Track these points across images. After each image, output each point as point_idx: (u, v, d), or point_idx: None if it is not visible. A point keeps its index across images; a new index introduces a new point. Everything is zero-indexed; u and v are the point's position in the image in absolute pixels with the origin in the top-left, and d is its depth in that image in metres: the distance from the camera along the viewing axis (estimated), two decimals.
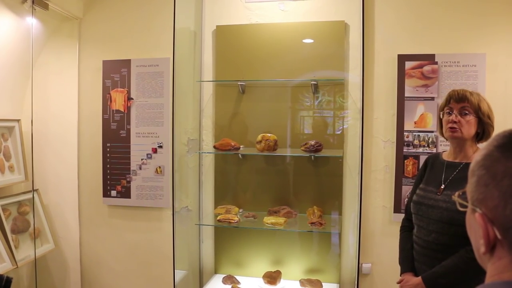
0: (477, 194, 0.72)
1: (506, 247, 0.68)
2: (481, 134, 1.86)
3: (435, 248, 1.83)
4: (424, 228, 1.88)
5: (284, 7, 3.01)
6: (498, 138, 0.74)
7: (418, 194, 1.97)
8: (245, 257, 3.10)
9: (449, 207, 1.79)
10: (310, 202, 2.94)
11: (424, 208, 1.89)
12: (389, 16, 2.85)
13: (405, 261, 1.99)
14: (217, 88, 3.12)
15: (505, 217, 0.67)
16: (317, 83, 2.89)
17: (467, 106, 1.83)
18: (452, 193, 1.79)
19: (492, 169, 0.70)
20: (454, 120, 1.83)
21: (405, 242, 2.04)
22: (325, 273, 2.97)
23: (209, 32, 3.13)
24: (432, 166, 2.01)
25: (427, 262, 1.86)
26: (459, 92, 1.86)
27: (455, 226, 1.76)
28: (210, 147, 3.09)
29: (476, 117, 1.83)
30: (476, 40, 2.77)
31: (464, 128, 1.82)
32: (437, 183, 1.91)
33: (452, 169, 1.89)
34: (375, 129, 2.84)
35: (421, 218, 1.91)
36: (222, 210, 3.01)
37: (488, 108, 1.86)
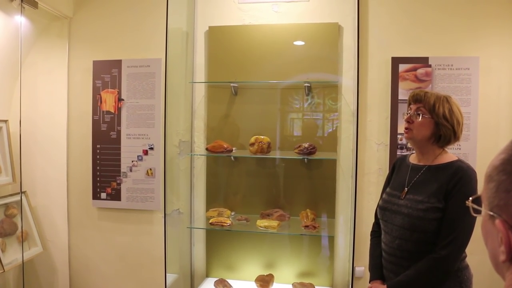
0: (497, 200, 0.69)
1: None
2: (440, 136, 1.76)
3: (400, 255, 1.78)
4: (389, 234, 1.83)
5: (278, 9, 2.99)
6: None
7: (384, 198, 1.91)
8: (237, 260, 3.06)
9: (411, 212, 1.73)
10: (303, 205, 2.92)
11: (388, 214, 1.84)
12: (383, 19, 2.84)
13: (373, 268, 1.93)
14: (209, 89, 3.08)
15: None
16: (311, 85, 2.87)
17: (421, 107, 1.75)
18: (413, 198, 1.76)
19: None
20: (408, 121, 1.78)
21: (374, 249, 1.98)
22: (318, 277, 2.95)
23: (202, 33, 3.09)
24: (399, 168, 1.95)
25: (394, 269, 1.80)
26: (416, 93, 1.80)
27: (417, 233, 1.71)
28: (202, 149, 3.05)
29: (430, 119, 1.74)
30: (469, 43, 2.77)
31: (416, 129, 1.75)
32: (401, 186, 1.85)
33: (415, 172, 1.83)
34: (369, 131, 2.83)
35: (386, 224, 1.85)
36: (214, 213, 2.97)
37: (448, 111, 1.73)
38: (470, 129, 2.73)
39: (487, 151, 2.69)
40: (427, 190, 1.73)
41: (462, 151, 2.72)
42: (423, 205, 1.71)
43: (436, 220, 1.67)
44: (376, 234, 2.01)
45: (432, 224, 1.68)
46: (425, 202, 1.71)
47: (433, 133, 1.75)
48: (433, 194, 1.71)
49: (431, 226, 1.68)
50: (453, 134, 1.76)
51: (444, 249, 1.65)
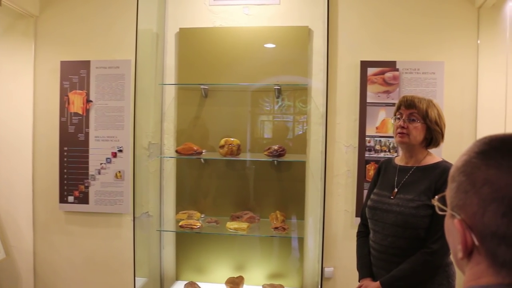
0: (456, 200, 0.72)
1: (483, 254, 0.69)
2: (430, 140, 1.88)
3: (392, 252, 1.84)
4: (380, 233, 1.89)
5: (249, 11, 3.00)
6: (479, 145, 0.73)
7: (373, 199, 1.98)
8: (207, 263, 3.05)
9: (403, 210, 1.81)
10: (272, 207, 2.93)
11: (379, 213, 1.90)
12: (352, 23, 2.89)
13: (363, 267, 2.00)
14: (180, 91, 3.06)
15: (483, 225, 0.67)
16: (280, 87, 2.89)
17: (415, 113, 1.84)
18: (404, 197, 1.84)
19: (472, 176, 0.70)
20: (402, 126, 1.86)
21: (362, 248, 2.05)
22: (288, 278, 2.96)
23: (172, 35, 3.07)
24: (385, 171, 2.03)
25: (385, 266, 1.87)
26: (409, 99, 1.89)
27: (410, 229, 1.79)
28: (171, 152, 3.03)
29: (423, 124, 1.84)
30: (435, 49, 2.84)
31: (411, 134, 1.84)
32: (390, 187, 1.92)
33: (404, 173, 1.91)
34: (338, 134, 2.86)
35: (376, 223, 1.92)
36: (184, 216, 2.95)
37: (437, 116, 1.86)
38: None
39: (452, 153, 2.75)
40: (417, 189, 1.83)
41: None
42: (414, 203, 1.80)
43: (427, 217, 1.77)
44: (362, 234, 2.09)
45: (423, 221, 1.77)
46: (416, 200, 1.80)
47: (425, 137, 1.87)
48: (423, 192, 1.81)
49: (423, 223, 1.77)
50: (441, 136, 1.89)
51: (435, 243, 1.75)
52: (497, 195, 0.65)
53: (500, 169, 0.66)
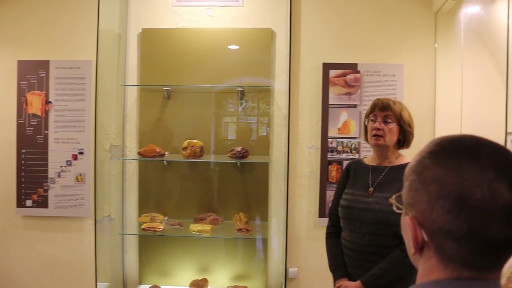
0: (408, 198, 0.76)
1: (432, 249, 0.71)
2: (402, 141, 1.93)
3: (370, 251, 1.85)
4: (357, 232, 1.89)
5: (212, 13, 2.99)
6: (430, 145, 0.76)
7: (346, 198, 1.97)
8: (171, 266, 3.01)
9: (383, 208, 1.83)
10: (236, 209, 2.93)
11: (356, 212, 1.90)
12: (315, 25, 2.92)
13: (338, 268, 1.98)
14: (142, 93, 3.02)
15: (431, 221, 0.70)
16: (243, 89, 2.90)
17: (390, 115, 1.88)
18: (382, 195, 1.87)
19: (422, 175, 0.73)
20: (378, 128, 1.89)
21: (334, 249, 2.02)
22: (252, 279, 2.96)
23: (134, 35, 3.03)
24: (355, 171, 2.04)
25: (363, 266, 1.87)
26: (383, 101, 1.92)
27: (390, 226, 1.80)
28: (134, 154, 2.98)
29: (398, 125, 1.89)
30: (395, 52, 2.91)
31: (387, 136, 1.88)
32: (365, 186, 1.94)
33: (377, 172, 1.94)
34: (300, 135, 2.89)
35: (352, 222, 1.91)
36: (147, 219, 2.91)
37: (409, 117, 1.93)
38: None
39: (411, 154, 2.80)
40: (394, 187, 1.85)
41: None
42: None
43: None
44: (333, 235, 2.08)
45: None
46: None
47: (398, 138, 1.92)
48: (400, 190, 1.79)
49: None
50: (412, 137, 1.95)
51: None
52: (443, 193, 0.68)
53: (447, 168, 0.69)
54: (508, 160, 0.69)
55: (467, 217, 0.65)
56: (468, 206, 0.65)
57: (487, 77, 2.66)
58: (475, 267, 0.68)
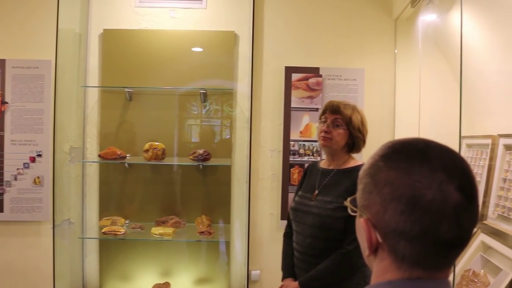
0: (363, 200, 0.76)
1: (386, 250, 0.73)
2: (351, 145, 1.93)
3: (311, 253, 1.87)
4: (301, 234, 1.92)
5: (175, 14, 2.98)
6: (383, 148, 0.77)
7: (296, 201, 2.01)
8: (132, 270, 2.97)
9: (321, 212, 1.84)
10: (198, 211, 2.91)
11: (300, 214, 1.93)
12: (278, 29, 2.95)
13: (286, 267, 2.02)
14: (103, 94, 2.97)
15: (384, 222, 0.71)
16: (206, 92, 2.89)
17: (339, 118, 1.88)
18: (323, 199, 1.89)
19: (376, 178, 0.74)
20: (326, 130, 1.91)
21: (287, 249, 2.05)
22: (215, 282, 2.95)
23: (96, 36, 2.98)
24: (310, 173, 2.07)
25: (305, 267, 1.90)
26: (334, 104, 1.93)
27: (327, 231, 1.82)
28: (94, 156, 2.93)
29: (346, 130, 1.89)
30: (356, 57, 2.97)
31: (334, 139, 1.89)
32: (312, 189, 1.96)
33: (325, 175, 1.95)
34: (263, 138, 2.90)
35: (297, 224, 1.94)
36: (108, 222, 2.86)
37: (361, 122, 1.91)
38: None
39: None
40: (336, 191, 1.86)
41: None
42: (331, 205, 1.83)
43: (344, 218, 1.79)
44: (288, 235, 2.10)
45: (340, 222, 1.80)
46: (334, 202, 1.83)
47: (347, 142, 1.92)
48: (340, 194, 1.84)
49: (339, 224, 1.80)
50: (363, 143, 1.95)
51: (350, 244, 1.78)
52: (396, 195, 0.69)
53: (399, 171, 0.71)
54: (456, 162, 0.72)
55: (419, 218, 0.67)
56: (419, 207, 0.67)
57: (444, 82, 2.75)
58: (426, 267, 0.70)
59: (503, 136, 2.08)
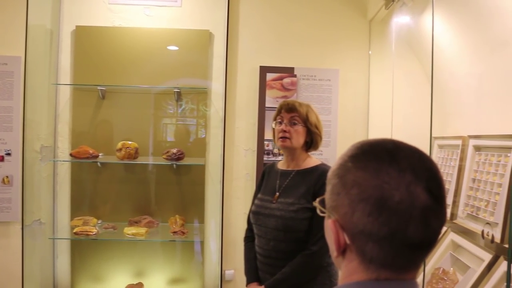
0: (331, 201, 0.75)
1: (354, 251, 0.72)
2: (310, 142, 1.92)
3: (275, 256, 1.85)
4: (263, 237, 1.89)
5: (149, 12, 2.94)
6: (352, 149, 0.76)
7: (256, 204, 1.97)
8: (105, 270, 2.93)
9: (283, 214, 1.82)
10: (172, 211, 2.89)
11: (261, 218, 1.90)
12: (253, 29, 2.95)
13: (250, 272, 1.97)
14: (75, 92, 2.92)
15: (352, 224, 0.70)
16: (180, 91, 2.87)
17: (296, 116, 1.87)
18: (284, 201, 1.87)
19: (344, 179, 0.73)
20: (284, 130, 1.88)
21: (249, 253, 2.01)
22: (189, 282, 2.94)
23: (68, 32, 2.92)
24: (268, 175, 2.05)
25: (270, 270, 1.86)
26: (289, 103, 1.92)
27: (290, 233, 1.81)
28: (66, 155, 2.88)
29: (304, 127, 1.88)
30: (330, 57, 2.99)
31: (294, 138, 1.87)
32: (272, 191, 1.93)
33: (285, 177, 1.93)
34: (237, 137, 2.90)
35: (259, 228, 1.91)
36: (79, 222, 2.82)
37: (316, 119, 1.91)
38: (331, 136, 2.93)
39: None
40: (297, 192, 1.85)
41: (324, 156, 2.91)
42: (294, 206, 1.82)
43: (307, 219, 1.79)
44: (249, 239, 2.06)
45: (303, 224, 1.79)
46: (296, 203, 1.82)
47: (305, 140, 1.90)
48: (302, 195, 1.83)
49: (303, 226, 1.79)
50: (320, 139, 1.94)
51: (314, 245, 1.78)
52: (364, 196, 0.69)
53: (367, 172, 0.70)
54: (425, 164, 0.71)
55: (387, 219, 0.67)
56: (387, 208, 0.67)
57: (416, 83, 2.79)
58: (394, 268, 0.70)
59: (473, 137, 2.12)
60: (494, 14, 1.90)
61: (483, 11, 1.99)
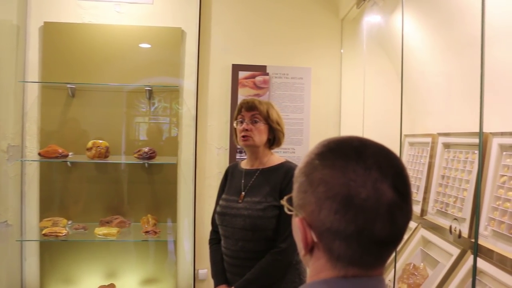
0: (298, 199, 0.75)
1: (321, 249, 0.72)
2: (272, 140, 1.92)
3: (244, 256, 1.83)
4: (231, 238, 1.87)
5: (120, 9, 2.90)
6: (319, 147, 0.76)
7: (221, 204, 1.95)
8: (76, 272, 2.87)
9: (251, 213, 1.81)
10: (144, 211, 2.86)
11: (228, 218, 1.88)
12: (226, 26, 2.94)
13: (217, 274, 1.93)
14: (44, 90, 2.85)
15: (319, 222, 0.70)
16: (152, 89, 2.84)
17: (257, 114, 1.87)
18: (251, 200, 1.85)
19: (311, 177, 0.72)
20: (246, 128, 1.88)
21: (215, 255, 1.98)
22: (162, 282, 2.91)
23: (36, 28, 2.85)
24: (232, 176, 2.01)
25: (238, 272, 1.84)
26: (249, 101, 1.92)
27: (258, 232, 1.80)
28: (34, 155, 2.81)
29: (266, 124, 1.88)
30: (303, 55, 3.01)
31: (256, 136, 1.87)
32: (238, 191, 1.92)
33: (250, 176, 1.93)
34: (209, 136, 2.89)
35: (226, 229, 1.89)
36: (48, 223, 2.76)
37: (277, 116, 1.92)
38: (303, 134, 2.95)
39: None
40: (263, 191, 1.84)
41: (297, 154, 2.93)
42: (261, 205, 1.81)
43: (274, 217, 1.79)
44: (214, 241, 2.04)
45: (271, 222, 1.79)
46: (263, 202, 1.81)
47: (268, 137, 1.90)
48: (269, 193, 1.83)
49: (271, 224, 1.79)
50: (282, 136, 1.93)
51: (283, 242, 1.77)
52: (330, 194, 0.69)
53: (334, 169, 0.70)
54: (391, 161, 0.72)
55: (353, 216, 0.67)
56: (354, 206, 0.67)
57: (387, 82, 2.83)
58: (361, 265, 0.70)
59: (442, 135, 2.16)
60: (462, 14, 1.94)
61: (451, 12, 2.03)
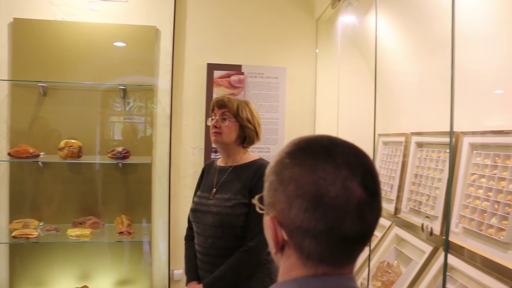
0: (268, 198, 0.75)
1: (292, 247, 0.72)
2: (244, 138, 1.92)
3: (214, 254, 1.84)
4: (202, 235, 1.87)
5: (93, 7, 2.86)
6: (289, 146, 0.76)
7: (195, 201, 1.97)
8: (48, 275, 2.82)
9: (220, 210, 1.82)
10: (118, 211, 2.83)
11: (199, 215, 1.89)
12: (201, 25, 2.93)
13: (189, 271, 1.94)
14: (14, 88, 2.78)
15: (290, 220, 0.70)
16: (126, 88, 2.81)
17: (226, 112, 1.88)
18: (221, 197, 1.86)
19: (281, 175, 0.73)
20: (215, 125, 1.90)
21: (189, 252, 1.99)
22: (137, 283, 2.88)
23: (5, 25, 2.78)
24: (207, 173, 2.04)
25: (209, 268, 1.84)
26: (219, 99, 1.93)
27: (228, 229, 1.81)
28: (4, 155, 2.74)
29: (236, 122, 1.88)
30: (278, 55, 3.02)
31: (224, 133, 1.87)
32: (210, 188, 1.93)
33: (222, 173, 1.93)
34: (184, 135, 2.87)
35: (198, 225, 1.90)
36: (19, 225, 2.69)
37: (250, 114, 1.91)
38: (278, 133, 2.96)
39: None
40: (233, 188, 1.85)
41: (271, 154, 2.94)
42: (230, 202, 1.81)
43: (243, 215, 1.79)
44: (189, 238, 2.04)
45: (240, 219, 1.79)
46: (232, 199, 1.82)
47: (238, 135, 1.90)
48: (238, 191, 1.83)
49: (239, 221, 1.79)
50: (255, 134, 1.93)
51: (252, 240, 1.78)
52: (300, 192, 0.69)
53: (303, 168, 0.70)
54: (360, 159, 0.72)
55: (323, 214, 0.67)
56: (323, 204, 0.67)
57: (361, 82, 2.87)
58: (331, 263, 0.71)
59: (415, 134, 2.20)
60: (433, 16, 1.98)
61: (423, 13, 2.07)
